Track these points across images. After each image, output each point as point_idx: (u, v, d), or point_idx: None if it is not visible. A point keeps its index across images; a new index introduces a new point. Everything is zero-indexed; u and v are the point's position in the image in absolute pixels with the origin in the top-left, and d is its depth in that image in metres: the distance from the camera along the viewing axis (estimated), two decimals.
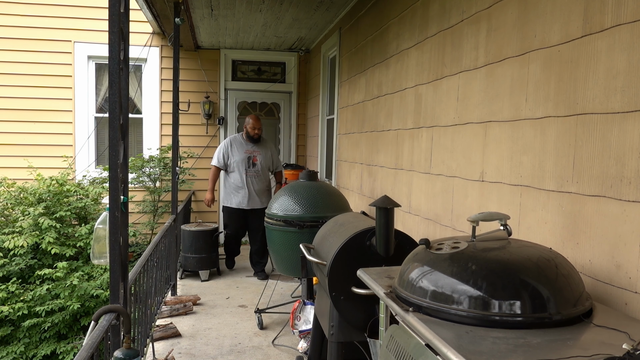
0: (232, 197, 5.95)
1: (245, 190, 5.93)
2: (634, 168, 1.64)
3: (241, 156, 5.96)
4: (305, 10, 5.60)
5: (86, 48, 7.53)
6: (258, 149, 6.02)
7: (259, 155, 6.00)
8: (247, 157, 5.95)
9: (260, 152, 6.02)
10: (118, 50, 2.27)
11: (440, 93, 3.09)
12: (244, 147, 5.98)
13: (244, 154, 5.96)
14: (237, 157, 5.95)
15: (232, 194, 5.96)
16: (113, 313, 2.31)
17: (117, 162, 2.31)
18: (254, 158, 5.97)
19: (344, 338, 2.65)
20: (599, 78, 1.80)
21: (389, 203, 2.45)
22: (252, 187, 5.96)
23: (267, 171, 6.12)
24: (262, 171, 6.03)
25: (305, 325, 3.84)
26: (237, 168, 5.93)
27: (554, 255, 1.58)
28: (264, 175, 6.07)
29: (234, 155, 5.96)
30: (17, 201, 6.42)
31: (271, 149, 6.15)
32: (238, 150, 5.98)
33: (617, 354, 1.19)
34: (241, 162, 5.94)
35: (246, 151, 5.97)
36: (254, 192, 5.95)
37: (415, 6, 3.53)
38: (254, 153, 5.99)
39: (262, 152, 6.02)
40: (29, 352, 5.45)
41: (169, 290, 5.11)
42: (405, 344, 1.61)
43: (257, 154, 6.00)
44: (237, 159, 5.94)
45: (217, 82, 7.95)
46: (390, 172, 4.00)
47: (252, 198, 5.93)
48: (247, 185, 5.94)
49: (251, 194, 5.93)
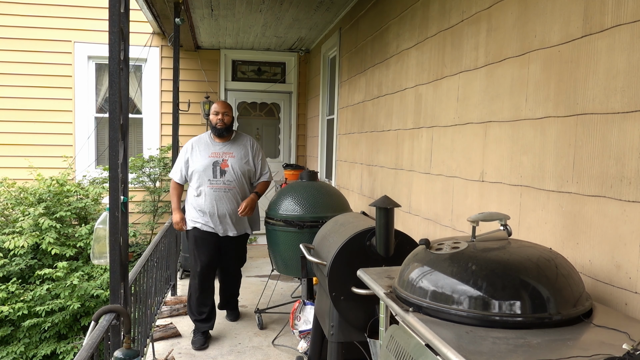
0: (196, 214, 4.01)
1: (209, 214, 3.94)
2: (634, 168, 1.64)
3: (203, 162, 3.94)
4: (305, 10, 5.60)
5: (86, 48, 7.53)
6: (230, 148, 4.02)
7: (230, 159, 3.98)
8: (212, 162, 3.94)
9: (234, 152, 4.01)
10: (118, 50, 2.27)
11: (440, 93, 3.09)
12: (209, 148, 4.00)
13: (207, 158, 3.95)
14: (197, 164, 3.95)
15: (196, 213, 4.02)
16: (113, 313, 2.32)
17: (117, 162, 2.31)
18: (222, 163, 3.96)
19: (344, 338, 2.65)
20: (599, 78, 1.80)
21: (389, 203, 2.45)
22: (221, 209, 3.94)
23: (245, 181, 4.05)
24: (237, 182, 3.97)
25: (305, 325, 3.84)
26: (198, 180, 3.95)
27: (554, 256, 1.58)
28: (240, 188, 4.00)
29: (194, 161, 3.98)
30: (17, 201, 6.43)
31: (252, 147, 4.13)
32: (200, 154, 3.98)
33: (617, 354, 1.19)
34: (203, 171, 3.92)
35: (212, 154, 3.97)
36: (226, 215, 3.97)
37: (415, 6, 3.53)
38: (223, 156, 3.98)
39: (236, 153, 4.01)
40: (29, 352, 5.46)
41: (169, 290, 5.11)
42: (405, 344, 1.61)
43: (229, 157, 3.98)
44: (196, 166, 3.94)
45: (217, 82, 7.95)
46: (390, 172, 4.00)
47: (224, 223, 4.00)
48: (212, 205, 3.93)
49: (221, 218, 3.96)
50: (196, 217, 4.00)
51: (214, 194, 3.95)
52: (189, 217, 4.04)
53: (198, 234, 4.00)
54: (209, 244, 4.01)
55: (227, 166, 3.99)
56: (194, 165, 3.99)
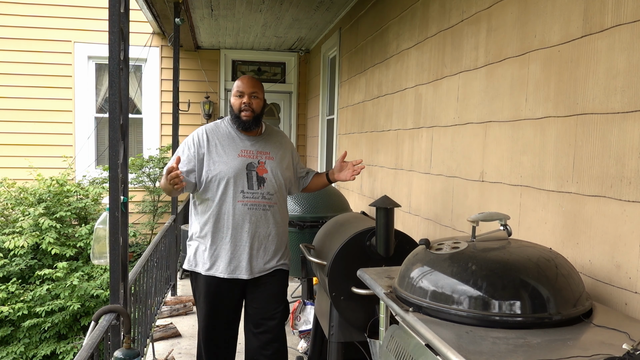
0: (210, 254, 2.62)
1: (238, 247, 2.61)
2: (634, 168, 1.64)
3: (232, 163, 2.61)
4: (305, 10, 5.60)
5: (86, 48, 7.53)
6: (265, 146, 2.72)
7: (269, 162, 2.70)
8: (246, 164, 2.64)
9: (272, 153, 2.73)
10: (118, 51, 2.27)
11: (440, 93, 3.09)
12: (236, 144, 2.66)
13: (237, 158, 2.63)
14: (221, 166, 2.60)
15: (209, 248, 2.63)
16: (113, 313, 2.31)
17: (117, 162, 2.31)
18: (259, 167, 2.66)
19: (344, 338, 2.65)
20: (599, 78, 1.80)
21: (389, 203, 2.45)
22: (259, 238, 2.65)
23: (286, 196, 2.81)
24: (279, 196, 2.72)
25: (305, 325, 3.84)
26: (221, 191, 2.59)
27: (554, 256, 1.58)
28: (282, 205, 2.75)
29: (216, 161, 2.61)
30: (17, 201, 6.43)
31: (291, 147, 2.90)
32: (225, 151, 2.64)
33: (617, 354, 1.19)
34: (233, 177, 2.59)
35: (243, 152, 2.65)
36: (260, 248, 2.66)
37: (415, 6, 3.53)
38: (259, 156, 2.68)
39: (274, 154, 2.74)
40: (29, 352, 5.46)
41: (169, 290, 5.11)
42: (405, 344, 1.61)
43: (266, 158, 2.69)
44: (221, 168, 2.60)
45: (217, 82, 7.95)
46: (390, 172, 4.00)
47: (255, 258, 2.65)
48: (244, 232, 2.61)
49: (254, 252, 2.64)
50: (211, 258, 2.61)
51: (249, 214, 2.60)
52: (196, 258, 2.67)
53: (213, 288, 2.63)
54: (227, 293, 2.65)
55: (265, 171, 2.66)
56: (217, 166, 2.59)
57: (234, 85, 2.71)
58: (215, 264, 2.62)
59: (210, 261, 2.62)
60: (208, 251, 2.63)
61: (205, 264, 2.64)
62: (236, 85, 2.69)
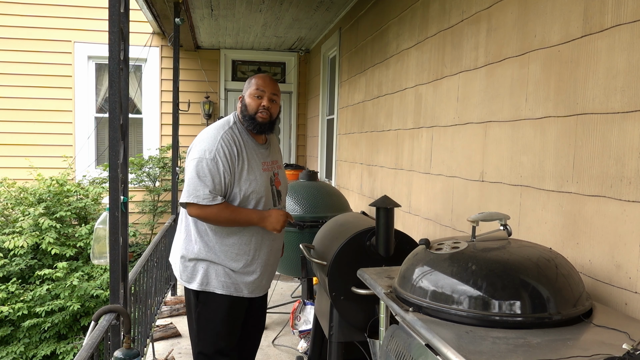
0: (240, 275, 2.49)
1: (261, 267, 2.54)
2: (634, 168, 1.64)
3: (262, 179, 2.46)
4: (305, 10, 5.60)
5: (86, 48, 7.53)
6: (272, 154, 2.62)
7: (279, 171, 2.64)
8: (270, 177, 2.52)
9: (278, 159, 2.68)
10: (118, 50, 2.27)
11: (440, 93, 3.09)
12: (256, 154, 2.49)
13: (262, 172, 2.47)
14: (254, 184, 2.43)
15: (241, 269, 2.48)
16: (113, 313, 2.31)
17: (117, 162, 2.31)
18: (275, 179, 2.57)
19: (344, 338, 2.64)
20: (599, 78, 1.80)
21: (389, 203, 2.45)
22: (275, 256, 2.65)
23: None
24: (285, 204, 2.71)
25: (305, 325, 3.84)
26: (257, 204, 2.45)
27: (554, 256, 1.58)
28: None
29: (250, 176, 2.42)
30: (17, 201, 6.43)
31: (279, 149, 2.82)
32: (255, 163, 2.45)
33: (617, 354, 1.19)
34: (267, 194, 2.48)
35: (264, 164, 2.51)
36: (275, 261, 2.67)
37: (415, 6, 3.53)
38: (273, 167, 2.57)
39: (280, 160, 2.71)
40: (29, 352, 5.46)
41: (169, 290, 5.11)
42: (405, 344, 1.61)
43: (277, 168, 2.62)
44: (257, 185, 2.44)
45: (217, 82, 7.95)
46: (390, 172, 4.00)
47: (271, 274, 2.66)
48: (268, 252, 2.57)
49: (270, 267, 2.62)
50: (236, 279, 2.48)
51: (271, 233, 2.50)
52: (219, 280, 2.46)
53: (235, 304, 2.51)
54: (238, 314, 2.57)
55: (279, 184, 2.57)
56: (251, 184, 2.40)
57: (251, 83, 2.46)
58: (243, 285, 2.51)
59: (241, 281, 2.49)
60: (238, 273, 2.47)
61: (235, 285, 2.48)
62: (255, 83, 2.45)
